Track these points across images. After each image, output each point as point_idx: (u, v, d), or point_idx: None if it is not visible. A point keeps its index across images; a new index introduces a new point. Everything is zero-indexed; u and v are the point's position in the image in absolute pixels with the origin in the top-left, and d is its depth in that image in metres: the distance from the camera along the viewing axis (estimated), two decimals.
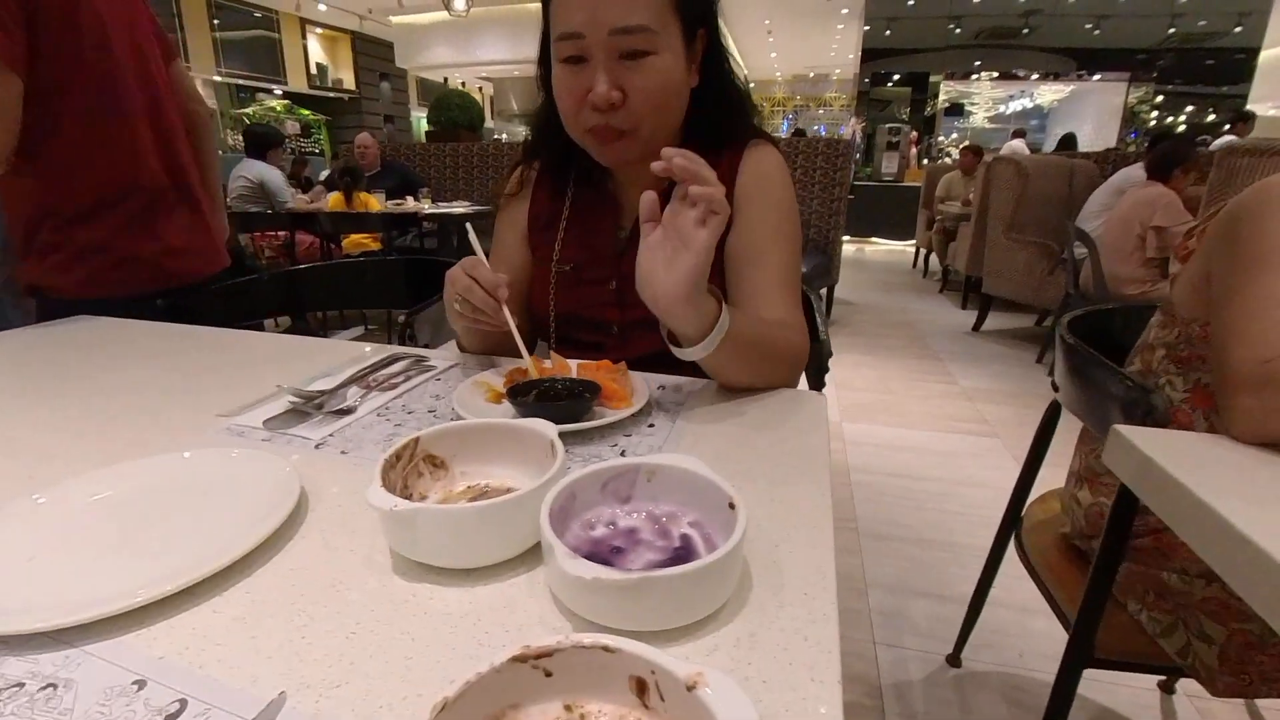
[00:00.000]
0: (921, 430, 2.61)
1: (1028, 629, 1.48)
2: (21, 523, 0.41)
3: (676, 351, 0.62)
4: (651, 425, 0.60)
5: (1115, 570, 0.78)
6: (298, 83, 11.12)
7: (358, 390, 0.69)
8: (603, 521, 0.41)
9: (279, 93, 11.07)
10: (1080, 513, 0.93)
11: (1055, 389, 0.99)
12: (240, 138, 10.05)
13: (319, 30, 11.42)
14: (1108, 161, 4.20)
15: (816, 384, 0.89)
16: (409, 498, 0.43)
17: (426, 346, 0.98)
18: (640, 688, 0.26)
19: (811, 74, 15.33)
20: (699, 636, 0.33)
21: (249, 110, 10.61)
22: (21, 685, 0.31)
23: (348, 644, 0.33)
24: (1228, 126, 5.33)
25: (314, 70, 11.44)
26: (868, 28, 10.22)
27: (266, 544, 0.40)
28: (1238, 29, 9.40)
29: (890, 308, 4.86)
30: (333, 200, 3.90)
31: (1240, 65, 9.60)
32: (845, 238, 8.31)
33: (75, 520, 0.42)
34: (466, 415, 0.57)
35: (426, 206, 4.08)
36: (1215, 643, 0.73)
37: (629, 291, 0.81)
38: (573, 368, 0.67)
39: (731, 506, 0.36)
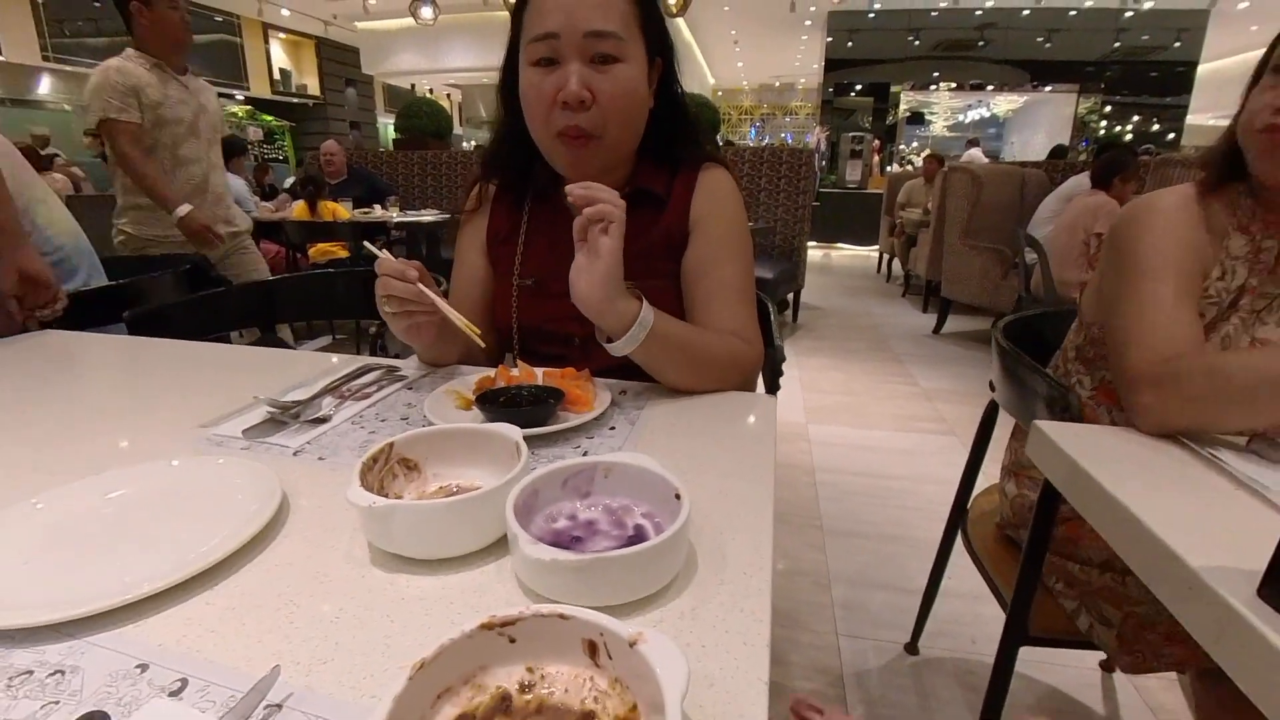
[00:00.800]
0: (883, 430, 2.71)
1: (979, 616, 1.56)
2: (21, 527, 0.43)
3: (608, 348, 0.69)
4: (612, 428, 0.64)
5: (1043, 554, 0.85)
6: (260, 88, 10.92)
7: (332, 400, 0.72)
8: (564, 515, 0.45)
9: (241, 98, 10.86)
10: (1007, 504, 1.01)
11: (992, 388, 1.07)
12: None
13: (282, 35, 11.25)
14: (1058, 170, 4.39)
15: (771, 387, 0.94)
16: (385, 497, 0.47)
17: (397, 356, 1.01)
18: (591, 649, 0.30)
19: (777, 83, 15.63)
20: (648, 610, 0.38)
21: None
22: (30, 673, 0.34)
23: (332, 627, 0.37)
24: None
25: (277, 76, 11.25)
26: (830, 39, 10.48)
27: (252, 543, 0.43)
28: (1177, 44, 9.91)
29: (855, 312, 4.99)
30: (297, 210, 3.86)
31: (1181, 77, 10.11)
32: (812, 243, 8.47)
33: (72, 524, 0.45)
34: (438, 422, 0.61)
35: (395, 215, 4.07)
36: (1113, 625, 0.81)
37: None
38: (539, 375, 0.71)
39: (678, 497, 0.41)
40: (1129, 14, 9.25)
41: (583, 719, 0.29)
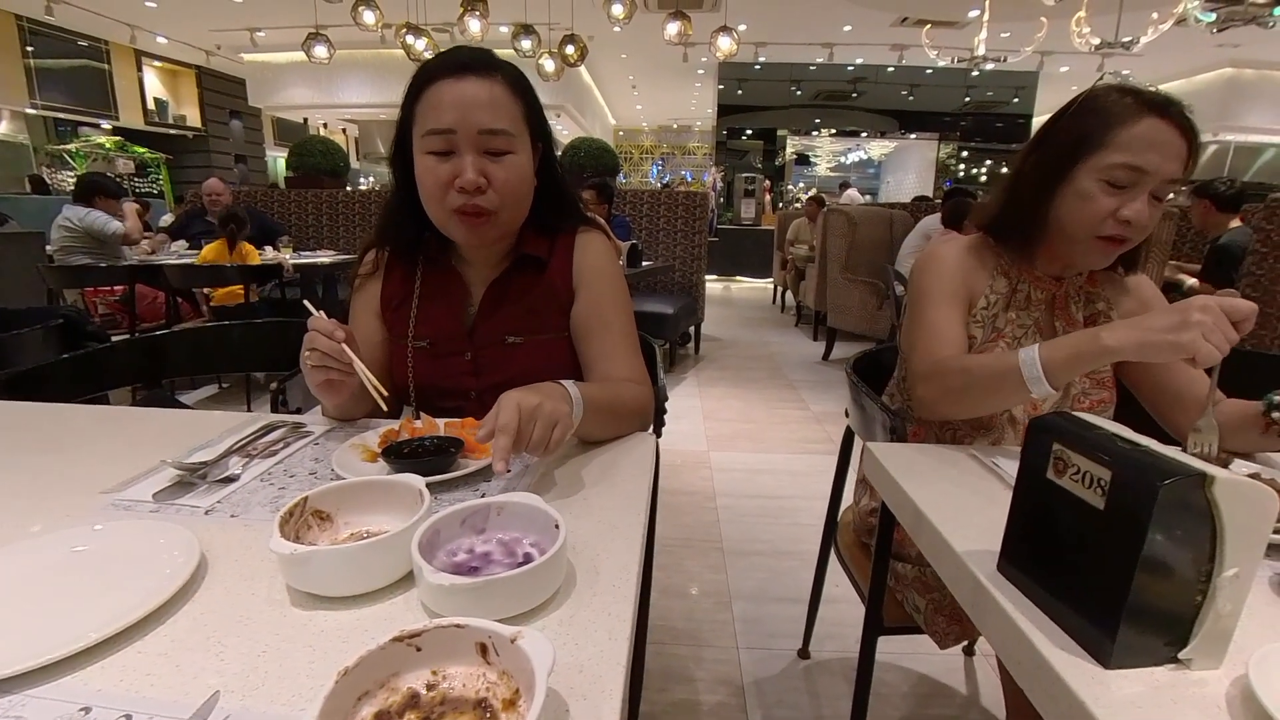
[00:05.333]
0: (779, 453, 2.91)
1: (861, 617, 1.73)
2: None
3: None
4: (508, 471, 0.72)
5: (889, 553, 1.01)
6: (131, 118, 10.16)
7: (239, 459, 0.76)
8: (463, 549, 0.53)
9: (108, 128, 10.04)
10: (858, 514, 1.18)
11: (847, 415, 1.24)
12: (57, 177, 9.01)
13: (157, 63, 10.57)
14: (921, 210, 4.94)
15: (657, 424, 1.06)
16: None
17: (299, 411, 1.04)
18: (483, 650, 0.39)
19: (675, 125, 16.43)
20: (535, 619, 0.47)
21: (71, 146, 9.52)
22: None
23: (259, 659, 0.43)
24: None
25: (151, 105, 10.53)
26: (722, 87, 11.27)
27: (176, 596, 0.48)
28: (1015, 99, 11.57)
29: (753, 342, 5.30)
30: (213, 251, 3.60)
31: (1020, 128, 11.73)
32: (713, 277, 8.85)
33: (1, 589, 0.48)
34: (346, 475, 0.67)
35: (289, 256, 3.93)
36: (921, 611, 0.98)
37: (483, 360, 0.94)
38: (440, 426, 0.78)
39: (556, 527, 0.51)
40: (975, 73, 10.58)
41: (477, 705, 0.38)
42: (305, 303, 0.83)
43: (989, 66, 7.32)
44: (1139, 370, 1.00)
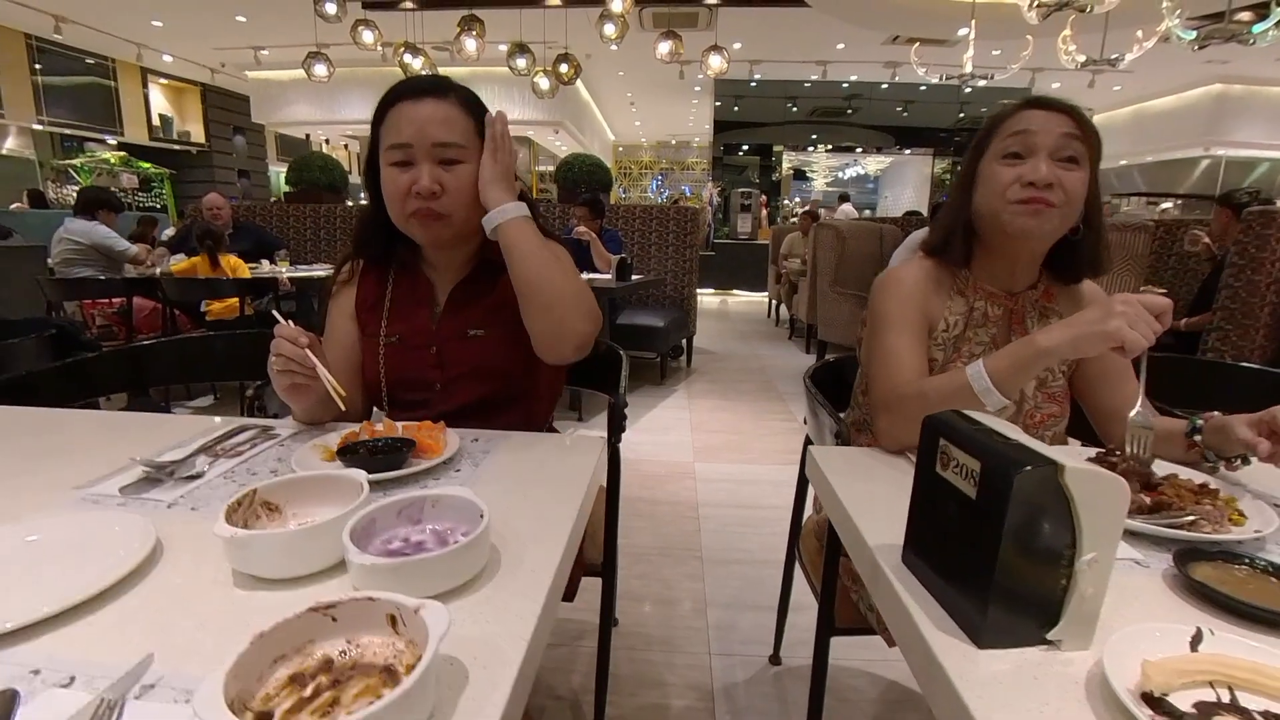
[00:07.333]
0: (764, 464, 2.94)
1: None
2: None
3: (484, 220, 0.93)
4: (458, 470, 0.77)
5: (838, 556, 1.05)
6: (136, 134, 10.33)
7: (206, 458, 0.80)
8: (398, 538, 0.58)
9: (113, 143, 10.20)
10: (819, 517, 1.22)
11: (805, 422, 1.28)
12: (62, 191, 9.14)
13: (163, 81, 10.76)
14: (912, 225, 5.00)
15: (616, 429, 1.10)
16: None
17: (275, 417, 1.09)
18: (392, 621, 0.43)
19: (674, 141, 16.61)
20: (458, 598, 0.52)
21: (76, 161, 9.67)
22: None
23: (198, 632, 0.47)
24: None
25: (156, 121, 10.70)
26: (718, 103, 11.43)
27: (129, 578, 0.53)
28: None
29: (745, 355, 5.34)
30: (201, 267, 3.65)
31: None
32: (709, 291, 8.89)
33: None
34: (302, 472, 0.72)
35: (285, 270, 4.00)
36: (875, 610, 1.02)
37: (447, 352, 1.00)
38: (398, 429, 0.83)
39: (481, 516, 0.55)
40: (968, 90, 10.71)
41: (384, 670, 0.42)
42: (274, 312, 0.89)
43: (980, 83, 7.44)
44: (1085, 387, 1.04)
